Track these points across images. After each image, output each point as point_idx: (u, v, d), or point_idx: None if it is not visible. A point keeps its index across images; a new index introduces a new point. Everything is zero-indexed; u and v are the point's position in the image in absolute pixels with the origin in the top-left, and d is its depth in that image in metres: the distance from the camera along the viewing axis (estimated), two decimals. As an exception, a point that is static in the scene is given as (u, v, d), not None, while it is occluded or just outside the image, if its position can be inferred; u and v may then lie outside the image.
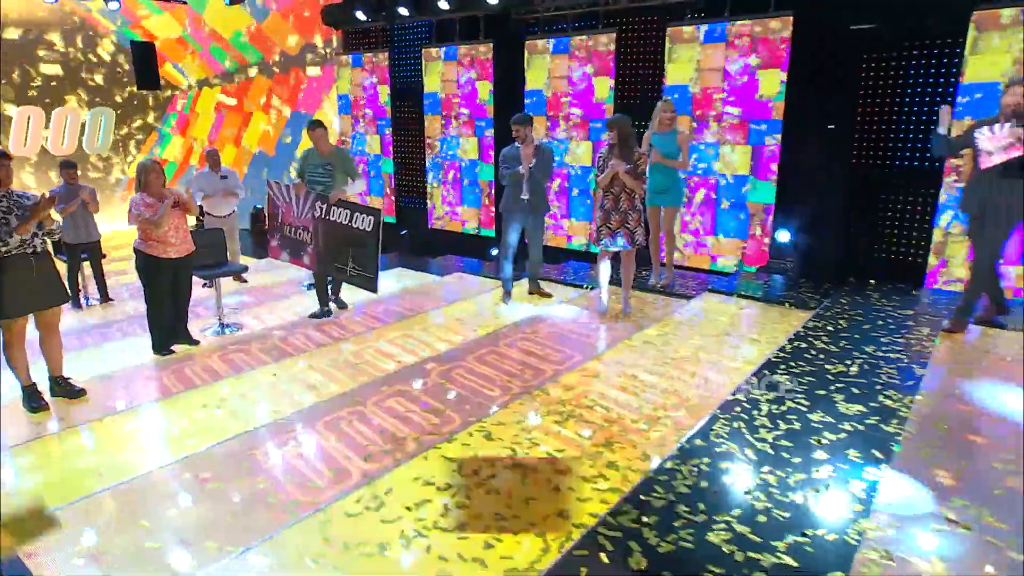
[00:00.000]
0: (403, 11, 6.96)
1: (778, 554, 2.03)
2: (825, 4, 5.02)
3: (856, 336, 3.80)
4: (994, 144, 3.51)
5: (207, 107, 8.97)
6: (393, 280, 6.06)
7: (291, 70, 8.37)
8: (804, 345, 3.69)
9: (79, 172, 5.41)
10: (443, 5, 6.65)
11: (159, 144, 9.04)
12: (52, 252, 3.76)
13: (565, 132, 6.46)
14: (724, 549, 2.05)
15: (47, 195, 3.35)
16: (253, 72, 8.59)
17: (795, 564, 1.98)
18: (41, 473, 2.73)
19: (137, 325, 4.83)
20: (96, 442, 3.04)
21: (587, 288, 5.22)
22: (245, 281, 6.24)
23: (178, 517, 2.38)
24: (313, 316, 4.86)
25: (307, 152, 4.87)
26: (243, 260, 6.25)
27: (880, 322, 4.11)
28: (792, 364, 3.42)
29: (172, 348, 4.24)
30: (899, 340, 3.75)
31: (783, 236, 5.46)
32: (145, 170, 3.98)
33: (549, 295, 5.07)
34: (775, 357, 3.53)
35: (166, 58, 8.69)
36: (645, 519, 2.21)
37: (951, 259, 4.78)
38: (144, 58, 7.99)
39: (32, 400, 3.37)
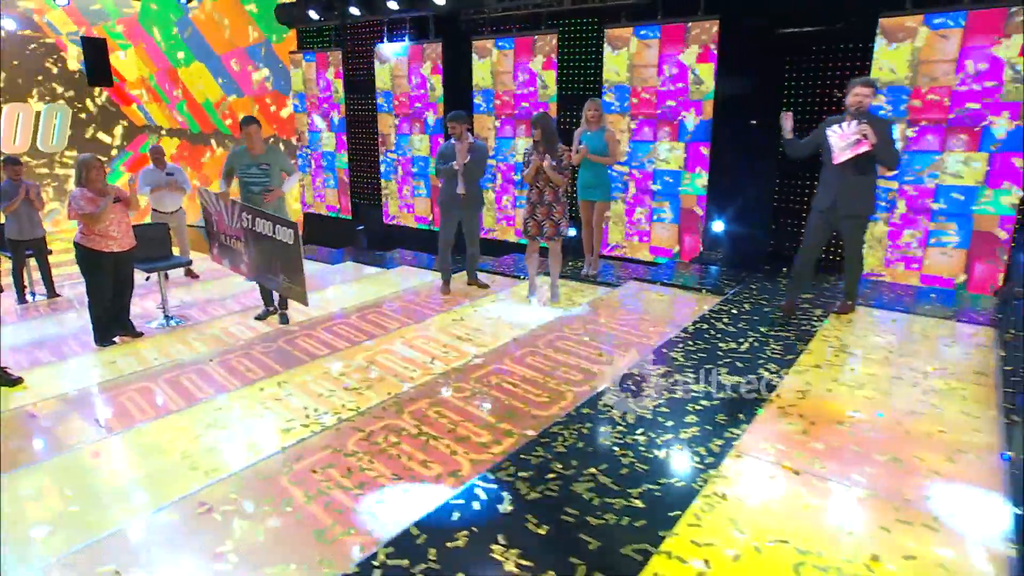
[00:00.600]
0: (354, 10, 7.23)
1: (631, 499, 2.37)
2: (749, 9, 5.41)
3: (755, 318, 4.18)
4: (843, 142, 3.76)
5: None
6: (340, 273, 6.33)
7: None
8: (705, 326, 4.05)
9: (23, 169, 5.60)
10: (392, 5, 6.94)
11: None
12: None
13: (511, 128, 6.78)
14: (584, 496, 2.38)
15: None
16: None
17: (642, 506, 2.32)
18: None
19: (81, 318, 5.04)
20: (30, 427, 3.28)
21: (522, 279, 5.56)
22: (196, 276, 6.46)
23: (101, 484, 2.66)
24: (257, 318, 4.93)
25: (238, 151, 4.70)
26: (196, 256, 6.46)
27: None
28: (690, 343, 3.78)
29: (114, 339, 4.47)
30: (792, 321, 4.13)
31: (715, 227, 5.84)
32: (85, 166, 4.21)
33: (486, 285, 5.38)
34: (676, 337, 3.90)
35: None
36: (521, 474, 2.53)
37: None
38: (96, 54, 8.11)
39: None
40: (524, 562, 2.05)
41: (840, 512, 2.29)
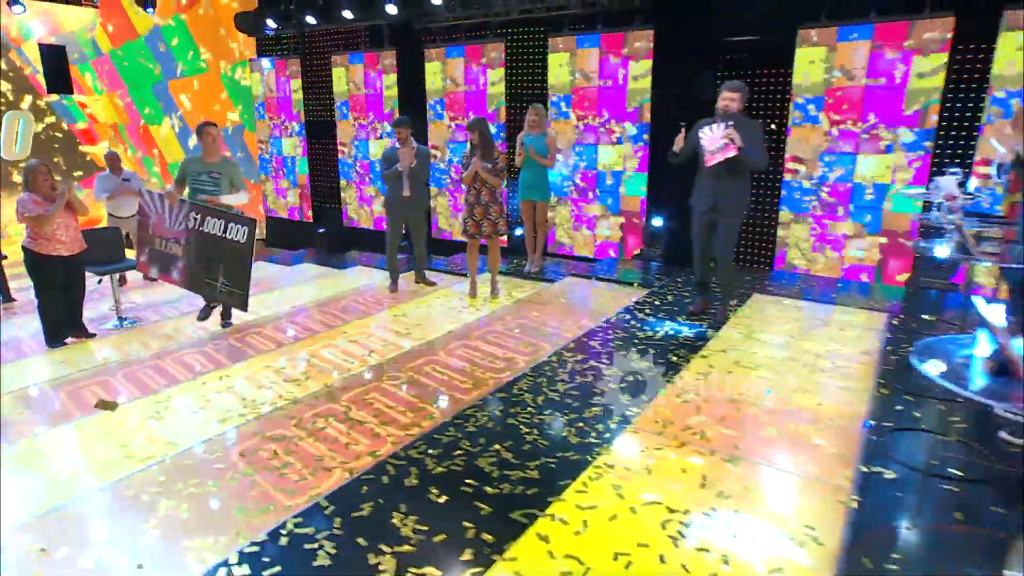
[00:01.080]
0: (311, 20, 7.37)
1: (527, 471, 2.58)
2: (683, 20, 5.67)
3: (675, 308, 4.44)
4: (713, 145, 3.83)
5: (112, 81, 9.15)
6: (298, 274, 6.47)
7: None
8: (628, 316, 4.30)
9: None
10: (347, 15, 7.09)
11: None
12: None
13: (463, 133, 6.98)
14: (486, 469, 2.60)
15: None
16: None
17: (537, 476, 2.54)
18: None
19: (36, 320, 5.13)
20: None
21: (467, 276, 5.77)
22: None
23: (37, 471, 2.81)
24: (200, 318, 4.82)
25: (191, 157, 4.62)
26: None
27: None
28: (610, 332, 4.02)
29: (65, 340, 4.58)
30: (709, 311, 4.39)
31: (654, 224, 6.09)
32: (32, 171, 4.32)
33: (433, 283, 5.57)
34: (598, 327, 4.14)
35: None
36: (431, 451, 2.73)
37: (789, 246, 5.50)
38: (55, 62, 8.15)
39: None
40: (420, 527, 2.25)
41: (714, 476, 2.52)
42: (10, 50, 8.14)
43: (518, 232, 6.27)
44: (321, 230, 7.90)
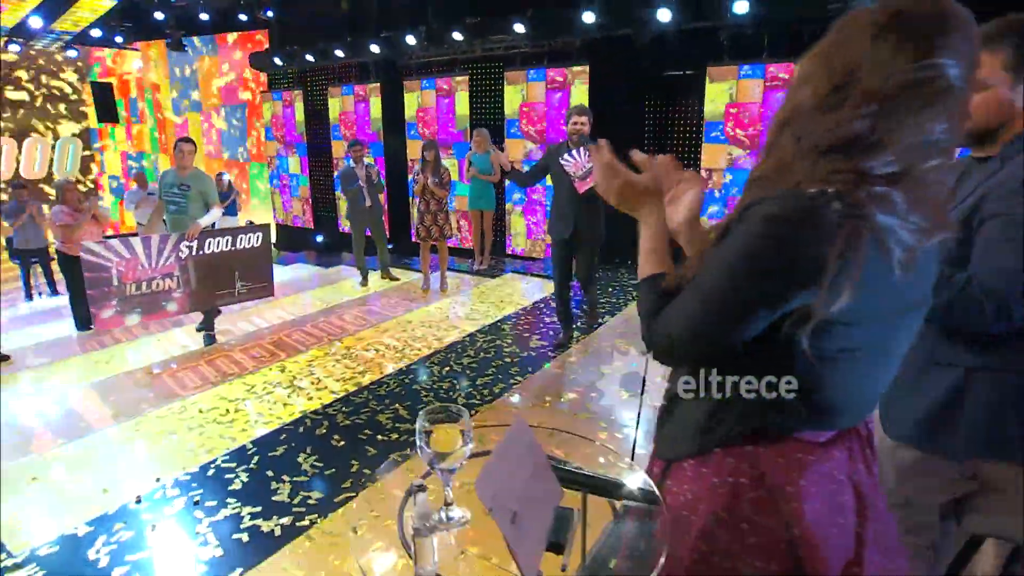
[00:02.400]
0: (310, 58, 7.77)
1: (414, 423, 2.92)
2: (613, 58, 5.95)
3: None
4: (581, 171, 3.40)
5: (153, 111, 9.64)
6: (290, 272, 6.88)
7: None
8: (542, 305, 4.64)
9: (27, 191, 6.13)
10: (339, 54, 7.48)
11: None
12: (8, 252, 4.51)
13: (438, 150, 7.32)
14: (383, 422, 2.96)
15: None
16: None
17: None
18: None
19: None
20: (8, 387, 3.85)
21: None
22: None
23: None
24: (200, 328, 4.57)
25: (167, 171, 4.45)
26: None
27: (610, 288, 5.07)
28: (522, 317, 4.36)
29: (91, 326, 5.03)
30: (613, 300, 4.69)
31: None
32: (62, 188, 4.80)
33: (397, 279, 5.93)
34: (514, 312, 4.47)
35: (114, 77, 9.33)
36: (344, 409, 3.11)
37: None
38: (104, 96, 8.72)
39: None
40: (317, 464, 2.62)
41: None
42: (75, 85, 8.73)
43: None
44: (317, 235, 8.32)
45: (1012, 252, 1.07)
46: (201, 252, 4.24)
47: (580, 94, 6.08)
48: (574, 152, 3.44)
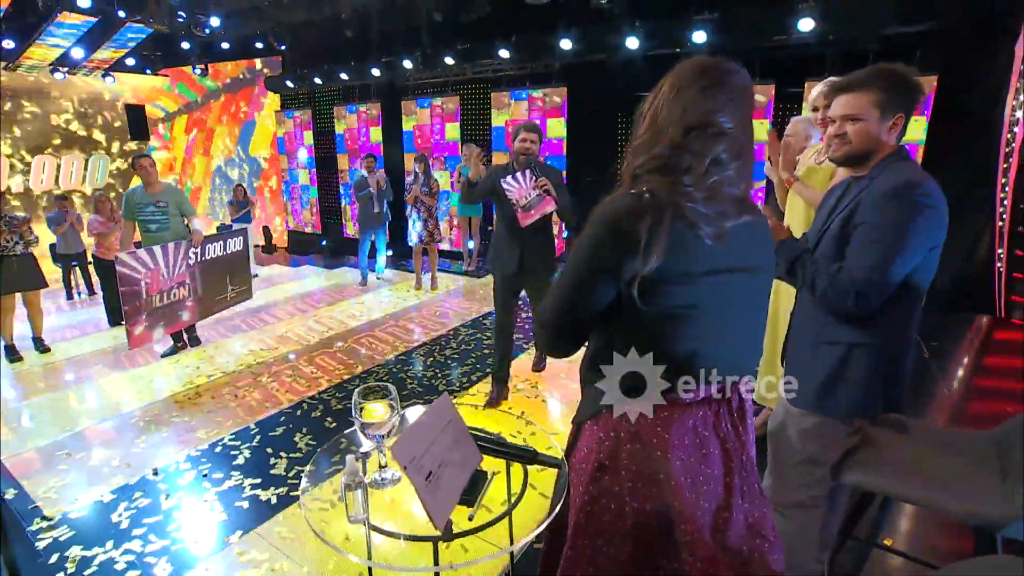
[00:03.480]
0: (317, 80, 7.85)
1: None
2: (587, 81, 6.04)
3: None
4: (524, 199, 2.65)
5: (181, 131, 9.73)
6: (298, 272, 6.96)
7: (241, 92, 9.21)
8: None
9: (69, 202, 6.21)
10: (344, 76, 7.56)
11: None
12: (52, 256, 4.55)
13: (431, 163, 7.41)
14: (371, 406, 3.05)
15: (27, 218, 4.25)
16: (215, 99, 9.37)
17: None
18: (24, 383, 3.65)
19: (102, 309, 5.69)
20: (47, 374, 3.95)
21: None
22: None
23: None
24: (166, 355, 4.08)
25: (133, 191, 3.79)
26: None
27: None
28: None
29: (122, 321, 5.12)
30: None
31: (564, 234, 6.49)
32: (97, 200, 4.89)
33: (391, 279, 6.02)
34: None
35: (147, 98, 9.45)
36: (337, 395, 3.21)
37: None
38: (136, 117, 8.84)
39: (9, 354, 4.21)
40: (311, 442, 2.72)
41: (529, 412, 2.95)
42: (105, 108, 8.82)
43: (471, 243, 6.73)
44: (324, 241, 8.41)
45: (871, 252, 1.23)
46: (204, 259, 4.02)
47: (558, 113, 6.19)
48: (518, 176, 2.64)
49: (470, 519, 0.94)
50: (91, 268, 6.23)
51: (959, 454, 1.31)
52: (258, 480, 2.42)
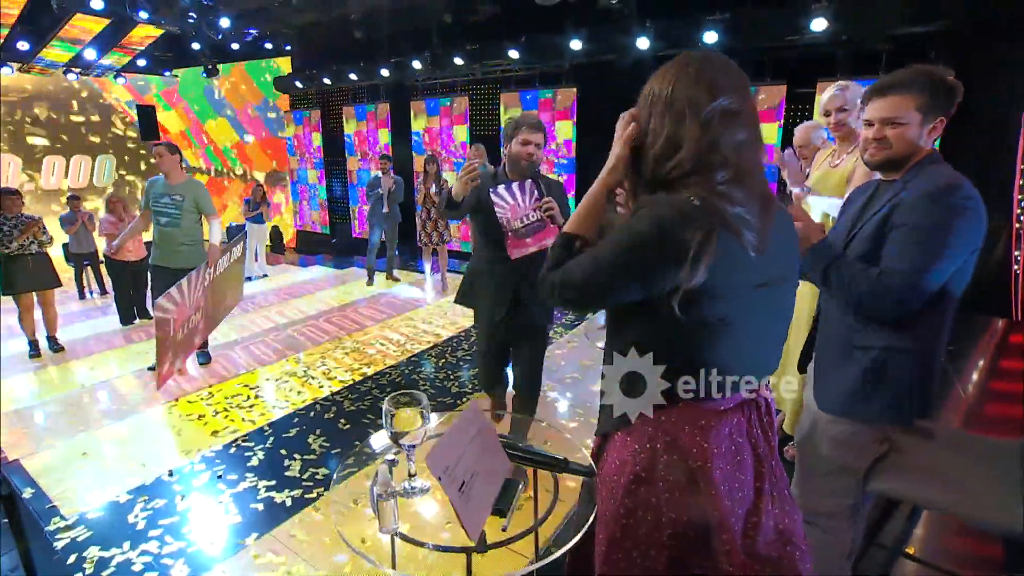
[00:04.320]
0: (327, 80, 7.85)
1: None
2: (597, 82, 6.01)
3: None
4: (519, 222, 1.91)
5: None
6: (308, 271, 6.96)
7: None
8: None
9: (81, 202, 6.24)
10: (353, 77, 7.55)
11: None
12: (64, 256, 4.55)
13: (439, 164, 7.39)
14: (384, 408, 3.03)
15: (39, 219, 4.26)
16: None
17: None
18: (39, 383, 3.65)
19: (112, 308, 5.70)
20: (60, 373, 3.95)
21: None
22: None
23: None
24: (151, 368, 3.71)
25: (154, 180, 3.58)
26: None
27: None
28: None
29: (133, 320, 5.14)
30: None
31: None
32: (108, 200, 4.90)
33: (398, 279, 6.01)
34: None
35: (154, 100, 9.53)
36: (350, 396, 3.20)
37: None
38: (146, 118, 8.87)
39: (32, 349, 4.25)
40: (325, 444, 2.71)
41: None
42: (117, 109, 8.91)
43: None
44: (333, 240, 8.41)
45: (913, 255, 1.19)
46: (215, 275, 3.57)
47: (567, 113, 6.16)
48: (514, 188, 1.91)
49: (503, 530, 0.92)
50: (103, 268, 6.27)
51: (987, 463, 1.28)
52: (272, 482, 2.41)
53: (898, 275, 1.19)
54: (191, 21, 6.52)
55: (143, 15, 6.01)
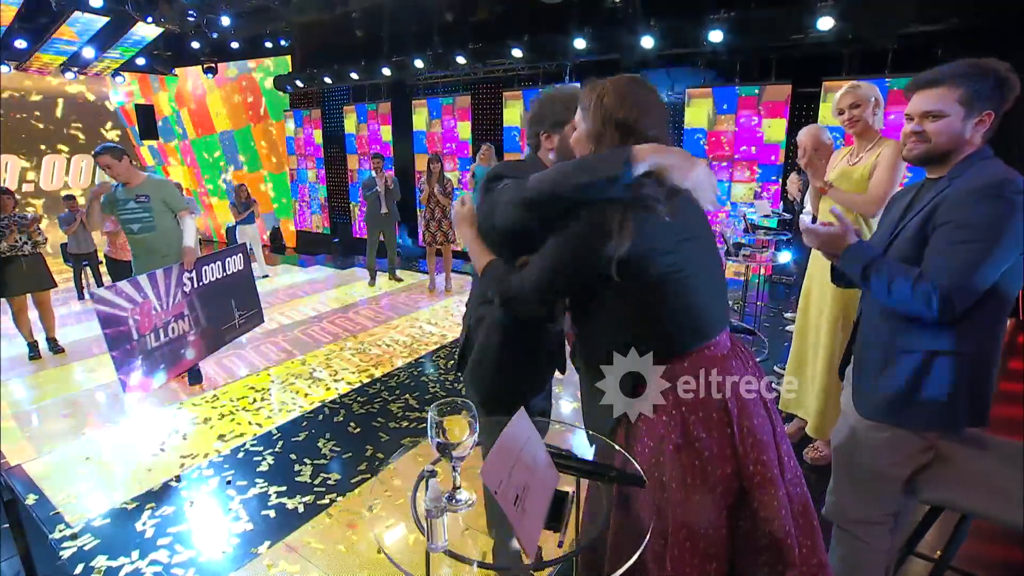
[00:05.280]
0: (328, 79, 7.76)
1: (423, 411, 2.94)
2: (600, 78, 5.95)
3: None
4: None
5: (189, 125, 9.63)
6: (310, 272, 6.87)
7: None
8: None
9: (78, 202, 6.13)
10: (354, 76, 7.47)
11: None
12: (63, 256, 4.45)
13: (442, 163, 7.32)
14: (394, 411, 2.97)
15: (37, 217, 4.16)
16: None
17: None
18: (39, 386, 3.56)
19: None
20: (60, 375, 3.86)
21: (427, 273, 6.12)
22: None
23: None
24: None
25: (115, 187, 3.13)
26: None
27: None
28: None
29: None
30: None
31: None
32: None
33: (401, 279, 5.93)
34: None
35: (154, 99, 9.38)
36: (359, 399, 3.13)
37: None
38: (145, 117, 8.75)
39: (32, 351, 4.15)
40: (336, 448, 2.64)
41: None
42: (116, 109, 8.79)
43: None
44: (335, 240, 8.32)
45: (959, 254, 1.14)
46: (201, 283, 3.34)
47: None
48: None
49: (559, 545, 0.86)
50: (102, 268, 6.16)
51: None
52: (283, 487, 2.34)
53: (939, 274, 1.13)
54: (191, 20, 6.42)
55: (140, 14, 5.91)
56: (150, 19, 6.00)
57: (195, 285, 3.28)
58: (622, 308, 1.03)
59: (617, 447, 1.07)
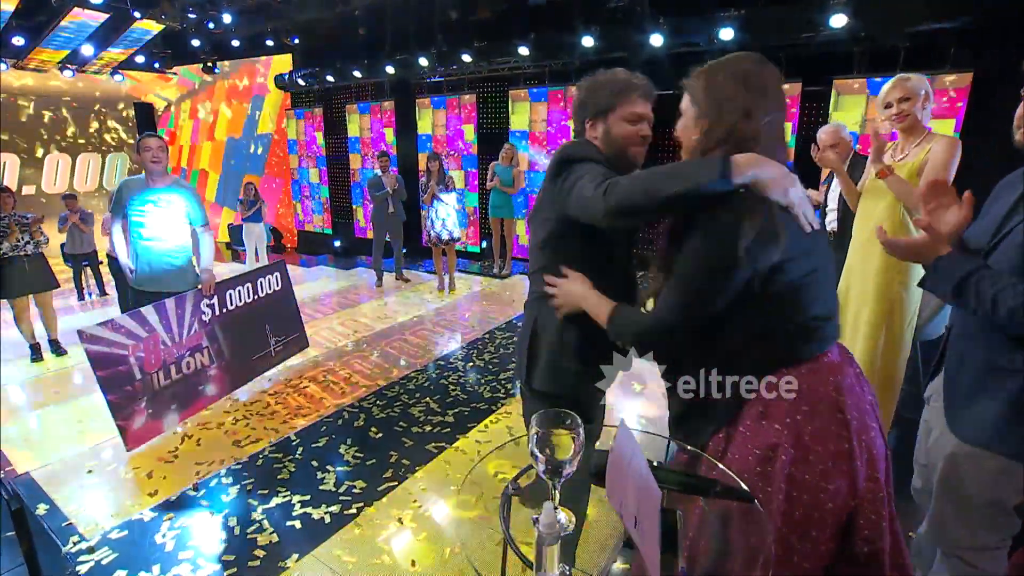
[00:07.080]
0: (330, 78, 7.61)
1: (446, 416, 2.84)
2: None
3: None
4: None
5: (186, 117, 9.44)
6: (313, 274, 6.72)
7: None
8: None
9: (76, 202, 5.93)
10: (357, 74, 7.33)
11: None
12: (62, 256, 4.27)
13: (445, 163, 7.20)
14: (415, 414, 2.87)
15: (40, 218, 4.00)
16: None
17: (452, 420, 2.80)
18: (43, 389, 3.40)
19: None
20: (65, 378, 3.70)
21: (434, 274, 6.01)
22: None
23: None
24: None
25: (127, 181, 2.78)
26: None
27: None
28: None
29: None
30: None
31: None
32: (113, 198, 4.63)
33: (408, 279, 5.81)
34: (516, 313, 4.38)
35: (149, 90, 9.13)
36: (378, 402, 3.01)
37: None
38: (145, 115, 8.57)
39: (34, 353, 3.99)
40: (359, 455, 2.52)
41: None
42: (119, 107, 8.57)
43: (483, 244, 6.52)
44: (336, 240, 8.16)
45: None
46: (225, 309, 2.99)
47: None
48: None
49: (681, 571, 0.76)
50: (103, 268, 5.97)
51: None
52: (307, 496, 2.22)
53: None
54: (191, 18, 6.26)
55: (140, 11, 5.74)
56: (137, 13, 5.81)
57: (216, 313, 2.95)
58: (754, 315, 0.97)
59: (713, 460, 0.97)
